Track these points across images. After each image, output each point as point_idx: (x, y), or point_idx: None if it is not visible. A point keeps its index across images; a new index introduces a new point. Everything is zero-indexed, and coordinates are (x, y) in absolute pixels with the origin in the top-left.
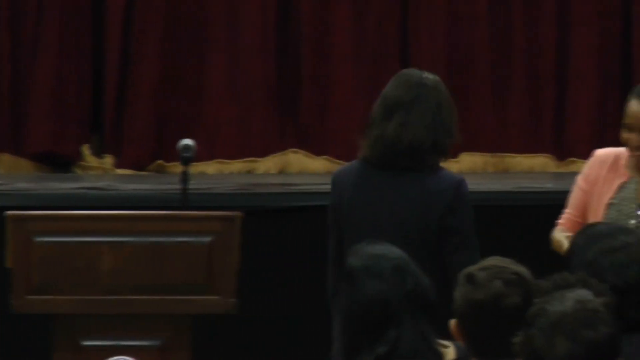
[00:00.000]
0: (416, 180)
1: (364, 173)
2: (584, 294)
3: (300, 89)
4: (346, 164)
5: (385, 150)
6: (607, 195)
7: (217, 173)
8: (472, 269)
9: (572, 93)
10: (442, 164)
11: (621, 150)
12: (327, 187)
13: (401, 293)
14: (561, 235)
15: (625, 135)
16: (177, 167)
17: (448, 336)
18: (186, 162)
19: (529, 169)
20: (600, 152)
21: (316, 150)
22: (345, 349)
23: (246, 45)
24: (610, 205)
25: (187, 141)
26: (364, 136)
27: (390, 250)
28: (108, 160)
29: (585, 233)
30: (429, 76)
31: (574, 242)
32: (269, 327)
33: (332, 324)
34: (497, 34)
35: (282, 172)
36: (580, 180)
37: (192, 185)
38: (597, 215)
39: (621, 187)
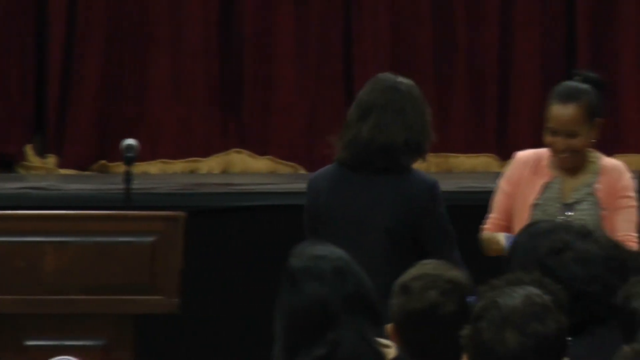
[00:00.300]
0: (390, 182)
1: (339, 176)
2: (533, 289)
3: (243, 89)
4: (322, 168)
5: (359, 151)
6: (532, 196)
7: (160, 173)
8: (406, 278)
9: (515, 93)
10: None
11: (542, 150)
12: (270, 188)
13: (341, 296)
14: (496, 234)
15: (549, 139)
16: (120, 167)
17: None
18: (129, 162)
19: (472, 168)
20: (522, 154)
21: (259, 150)
22: (284, 349)
23: (189, 45)
24: (535, 206)
25: (130, 141)
26: (339, 139)
27: (332, 252)
28: (51, 160)
29: (528, 231)
30: (403, 81)
31: (516, 241)
32: (211, 327)
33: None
34: (440, 34)
35: (225, 172)
36: (502, 184)
37: (135, 185)
38: (522, 217)
39: (545, 188)
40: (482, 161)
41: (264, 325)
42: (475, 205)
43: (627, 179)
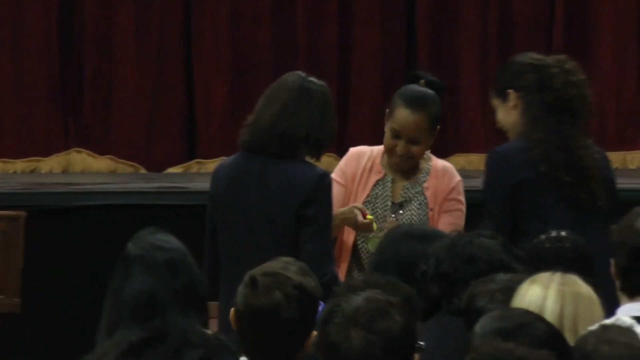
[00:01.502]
0: (282, 170)
1: (238, 164)
2: (375, 291)
3: (83, 89)
4: (228, 157)
5: (258, 133)
6: (364, 193)
7: (0, 172)
8: (256, 272)
9: (355, 92)
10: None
11: (375, 148)
12: (110, 187)
13: (170, 289)
14: None
15: (390, 141)
16: None
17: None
18: None
19: None
20: (356, 150)
21: (99, 149)
22: (104, 329)
23: (29, 45)
24: (366, 203)
25: None
26: (245, 125)
27: (169, 243)
28: None
29: (396, 232)
30: (313, 80)
31: (384, 242)
32: (52, 326)
33: None
34: (280, 33)
35: (65, 171)
36: (336, 177)
37: None
38: None
39: (376, 185)
40: (323, 161)
41: None
42: None
43: (456, 182)
